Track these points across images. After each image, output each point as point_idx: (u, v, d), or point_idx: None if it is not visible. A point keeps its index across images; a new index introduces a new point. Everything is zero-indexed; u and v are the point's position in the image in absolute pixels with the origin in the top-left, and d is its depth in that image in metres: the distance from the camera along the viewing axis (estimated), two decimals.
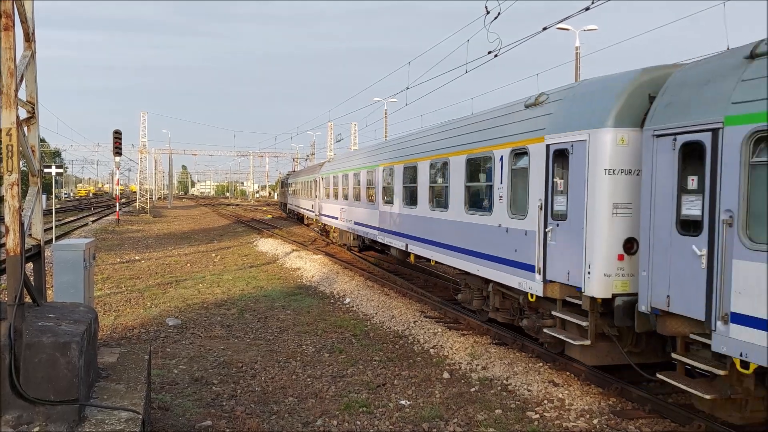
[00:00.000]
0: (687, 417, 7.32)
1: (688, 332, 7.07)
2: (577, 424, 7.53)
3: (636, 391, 8.16)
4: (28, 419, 5.00)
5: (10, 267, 5.22)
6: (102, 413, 5.32)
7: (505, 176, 10.63)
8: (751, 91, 6.24)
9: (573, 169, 8.78)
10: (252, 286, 17.55)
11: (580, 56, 29.88)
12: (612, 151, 8.18)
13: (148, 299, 15.20)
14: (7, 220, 5.27)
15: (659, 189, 7.41)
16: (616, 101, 8.19)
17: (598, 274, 8.21)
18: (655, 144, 7.45)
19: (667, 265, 7.23)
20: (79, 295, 8.97)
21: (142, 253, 25.25)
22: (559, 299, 9.10)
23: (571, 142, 8.77)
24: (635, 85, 8.21)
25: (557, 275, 9.02)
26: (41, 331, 5.24)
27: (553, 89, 10.10)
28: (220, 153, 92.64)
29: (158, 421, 7.19)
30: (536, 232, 9.53)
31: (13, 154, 5.23)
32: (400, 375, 9.54)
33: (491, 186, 11.14)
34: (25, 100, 6.34)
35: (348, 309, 14.67)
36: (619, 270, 8.20)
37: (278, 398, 8.40)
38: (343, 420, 7.64)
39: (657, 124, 7.41)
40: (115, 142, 39.99)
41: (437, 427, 7.46)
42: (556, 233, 9.12)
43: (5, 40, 5.25)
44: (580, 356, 8.92)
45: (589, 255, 8.33)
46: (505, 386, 8.96)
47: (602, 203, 8.23)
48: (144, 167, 72.17)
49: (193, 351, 10.62)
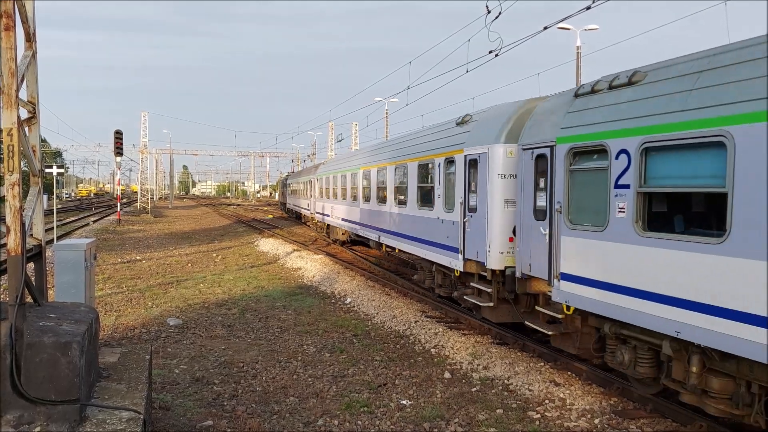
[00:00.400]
0: (688, 417, 7.32)
1: (544, 290, 9.57)
2: (579, 423, 7.52)
3: (637, 390, 8.15)
4: (29, 419, 5.00)
5: (12, 267, 5.22)
6: (103, 413, 5.32)
7: (441, 179, 13.24)
8: (571, 120, 8.73)
9: (480, 174, 11.36)
10: (253, 285, 17.56)
11: (581, 56, 29.93)
12: (503, 160, 10.82)
13: (149, 299, 15.20)
14: (8, 220, 5.26)
15: (525, 188, 10.05)
16: (506, 124, 10.90)
17: (495, 252, 10.85)
18: (523, 155, 10.06)
19: (529, 242, 9.87)
20: (80, 295, 8.97)
21: (143, 253, 25.26)
22: (475, 273, 11.68)
23: (479, 153, 11.39)
24: (519, 113, 10.87)
25: (471, 254, 11.67)
26: (42, 331, 5.24)
27: (475, 111, 12.86)
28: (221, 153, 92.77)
29: (159, 420, 7.19)
30: (459, 222, 12.12)
31: (14, 154, 5.22)
32: (401, 375, 9.54)
33: (433, 186, 13.77)
34: (26, 100, 6.33)
35: (349, 309, 14.67)
36: (509, 249, 10.73)
37: (279, 398, 8.40)
38: (344, 420, 7.64)
39: (524, 141, 10.09)
40: (116, 142, 40.00)
41: (438, 427, 7.46)
42: (470, 222, 11.73)
43: (6, 40, 5.24)
44: (489, 316, 11.31)
45: (489, 238, 10.94)
46: (506, 386, 8.96)
47: (497, 199, 10.87)
48: (145, 167, 72.23)
49: (194, 351, 10.63)
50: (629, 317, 7.47)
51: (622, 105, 7.75)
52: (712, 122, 6.32)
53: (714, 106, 6.33)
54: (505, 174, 10.80)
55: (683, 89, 6.87)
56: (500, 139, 10.82)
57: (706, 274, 6.39)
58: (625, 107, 7.67)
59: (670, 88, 7.09)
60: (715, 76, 6.48)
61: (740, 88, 6.09)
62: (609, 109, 8.00)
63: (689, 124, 6.62)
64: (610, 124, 7.87)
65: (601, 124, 8.06)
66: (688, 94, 6.76)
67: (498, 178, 10.83)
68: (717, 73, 6.46)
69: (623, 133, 7.60)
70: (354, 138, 72.27)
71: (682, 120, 6.74)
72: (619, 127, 7.67)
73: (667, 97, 7.06)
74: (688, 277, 6.60)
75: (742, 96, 6.03)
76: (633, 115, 7.46)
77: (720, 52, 6.64)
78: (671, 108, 6.92)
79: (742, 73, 6.15)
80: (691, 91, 6.74)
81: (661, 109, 7.07)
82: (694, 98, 6.66)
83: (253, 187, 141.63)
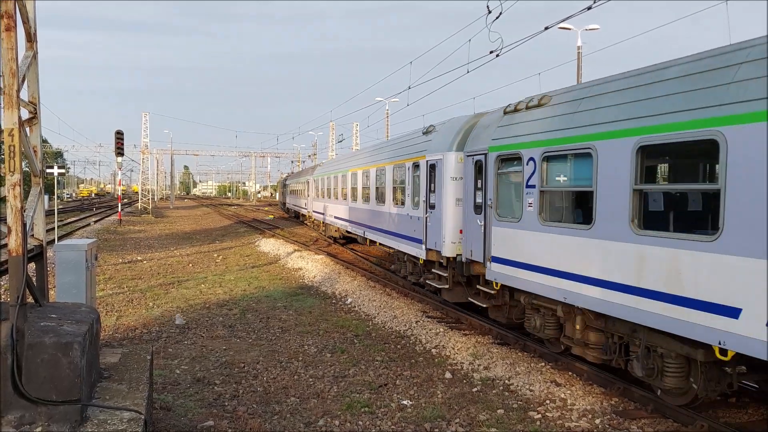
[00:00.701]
0: (689, 417, 7.31)
1: (482, 271, 11.58)
2: (580, 424, 7.51)
3: (638, 391, 8.15)
4: (30, 419, 5.00)
5: (13, 267, 5.22)
6: (104, 413, 5.32)
7: (410, 181, 15.40)
8: (500, 133, 10.82)
9: (437, 176, 13.46)
10: (254, 286, 17.56)
11: (581, 56, 29.89)
12: (454, 165, 12.86)
13: (150, 300, 15.21)
14: (10, 221, 5.26)
15: (468, 188, 12.18)
16: (457, 135, 12.97)
17: (448, 242, 12.94)
18: (467, 161, 12.19)
19: (471, 232, 12.02)
20: (81, 295, 8.97)
21: (144, 253, 25.27)
22: (435, 260, 13.65)
23: (436, 159, 13.50)
24: (468, 125, 12.88)
25: (432, 245, 13.75)
26: (43, 332, 5.24)
27: (438, 122, 14.84)
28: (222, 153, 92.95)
29: (160, 421, 7.19)
30: (422, 218, 14.23)
31: (15, 155, 5.22)
32: (402, 375, 9.54)
33: (404, 187, 15.90)
34: (26, 100, 6.33)
35: (350, 309, 14.67)
36: (460, 240, 12.72)
37: (280, 398, 8.40)
38: (345, 420, 7.64)
39: (468, 149, 12.26)
40: (117, 143, 40.04)
41: (439, 427, 7.45)
42: (430, 217, 13.77)
43: (7, 40, 5.24)
44: (447, 297, 13.51)
45: (444, 230, 13.01)
46: (507, 386, 8.95)
47: (450, 198, 12.94)
48: (146, 168, 72.27)
49: (195, 351, 10.63)
50: (536, 289, 9.62)
51: (533, 122, 9.83)
52: (584, 138, 8.43)
53: (587, 126, 8.44)
54: (456, 177, 12.80)
55: (571, 111, 8.91)
56: (452, 147, 12.91)
57: (581, 252, 8.50)
58: (534, 124, 9.75)
59: (563, 110, 9.14)
60: (590, 102, 8.60)
61: (601, 114, 8.23)
62: (524, 125, 10.11)
63: (572, 138, 8.73)
64: (524, 137, 9.99)
65: (518, 137, 10.19)
66: (572, 116, 8.83)
67: (450, 180, 12.92)
68: (592, 100, 8.57)
69: (531, 144, 9.71)
70: (355, 138, 72.27)
71: (567, 135, 8.84)
72: (529, 140, 9.80)
73: (561, 117, 9.11)
74: (570, 256, 8.72)
75: (606, 119, 8.10)
76: (538, 131, 9.56)
77: (598, 84, 8.71)
78: (564, 125, 8.95)
79: (603, 102, 8.31)
80: (574, 114, 8.82)
81: (556, 126, 9.13)
82: (576, 119, 8.71)
83: (254, 188, 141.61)
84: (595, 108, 8.42)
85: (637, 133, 7.48)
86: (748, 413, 7.77)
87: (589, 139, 8.34)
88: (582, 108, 8.67)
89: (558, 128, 9.06)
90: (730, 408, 7.83)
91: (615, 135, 7.85)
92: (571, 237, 8.71)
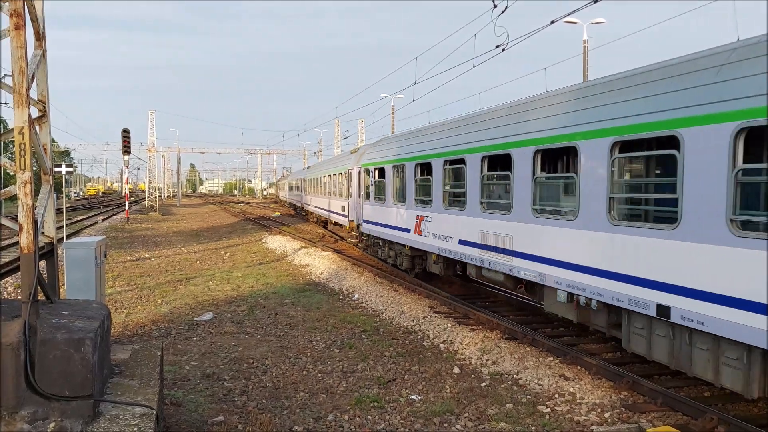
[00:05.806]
0: (699, 410, 7.30)
1: (361, 229, 21.21)
2: (589, 417, 7.51)
3: (647, 384, 8.14)
4: (43, 415, 5.05)
5: (24, 264, 5.26)
6: (116, 409, 5.37)
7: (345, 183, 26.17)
8: (367, 157, 20.33)
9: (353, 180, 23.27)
10: (261, 282, 17.62)
11: (587, 49, 29.75)
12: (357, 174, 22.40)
13: (159, 296, 15.28)
14: (21, 218, 5.30)
15: (362, 184, 20.75)
16: (359, 157, 22.69)
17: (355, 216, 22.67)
18: (360, 171, 21.03)
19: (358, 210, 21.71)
20: (90, 292, 9.04)
21: (152, 251, 25.38)
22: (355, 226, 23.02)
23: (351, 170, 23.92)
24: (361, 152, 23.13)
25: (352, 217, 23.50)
26: (55, 328, 5.28)
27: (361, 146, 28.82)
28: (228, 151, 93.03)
29: (171, 416, 7.24)
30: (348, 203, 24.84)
31: (26, 153, 5.26)
32: (411, 370, 9.56)
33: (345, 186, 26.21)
34: (36, 98, 6.37)
35: (357, 305, 14.70)
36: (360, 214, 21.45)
37: (289, 393, 8.43)
38: (354, 415, 7.67)
39: (360, 164, 21.17)
40: (123, 141, 40.19)
41: (448, 422, 7.47)
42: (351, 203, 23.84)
43: (17, 39, 5.27)
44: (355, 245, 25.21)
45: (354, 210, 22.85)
46: (515, 380, 8.96)
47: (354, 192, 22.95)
48: (152, 166, 72.45)
49: (205, 347, 10.68)
50: (384, 235, 18.02)
51: (392, 149, 17.41)
52: (403, 160, 16.42)
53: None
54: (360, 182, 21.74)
55: (402, 145, 16.91)
56: (356, 165, 22.56)
57: (398, 216, 16.84)
58: (394, 149, 17.08)
59: (397, 146, 17.11)
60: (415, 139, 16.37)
61: None
62: (383, 152, 17.90)
63: (401, 159, 16.52)
64: (384, 159, 17.48)
65: (377, 160, 18.34)
66: (404, 147, 16.58)
67: (356, 181, 22.78)
68: (411, 140, 16.38)
69: (389, 161, 17.09)
70: (360, 134, 72.22)
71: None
72: (389, 158, 17.21)
73: (396, 149, 17.02)
74: (389, 217, 17.30)
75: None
76: (397, 155, 16.71)
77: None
78: (399, 154, 16.56)
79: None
80: (405, 146, 16.62)
81: (386, 157, 17.56)
82: (405, 150, 16.54)
83: (260, 185, 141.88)
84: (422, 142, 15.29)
85: None
86: (758, 406, 7.75)
87: (407, 160, 15.81)
88: (410, 144, 16.12)
89: (393, 155, 16.98)
90: (740, 401, 7.82)
91: None
92: (393, 207, 17.05)
